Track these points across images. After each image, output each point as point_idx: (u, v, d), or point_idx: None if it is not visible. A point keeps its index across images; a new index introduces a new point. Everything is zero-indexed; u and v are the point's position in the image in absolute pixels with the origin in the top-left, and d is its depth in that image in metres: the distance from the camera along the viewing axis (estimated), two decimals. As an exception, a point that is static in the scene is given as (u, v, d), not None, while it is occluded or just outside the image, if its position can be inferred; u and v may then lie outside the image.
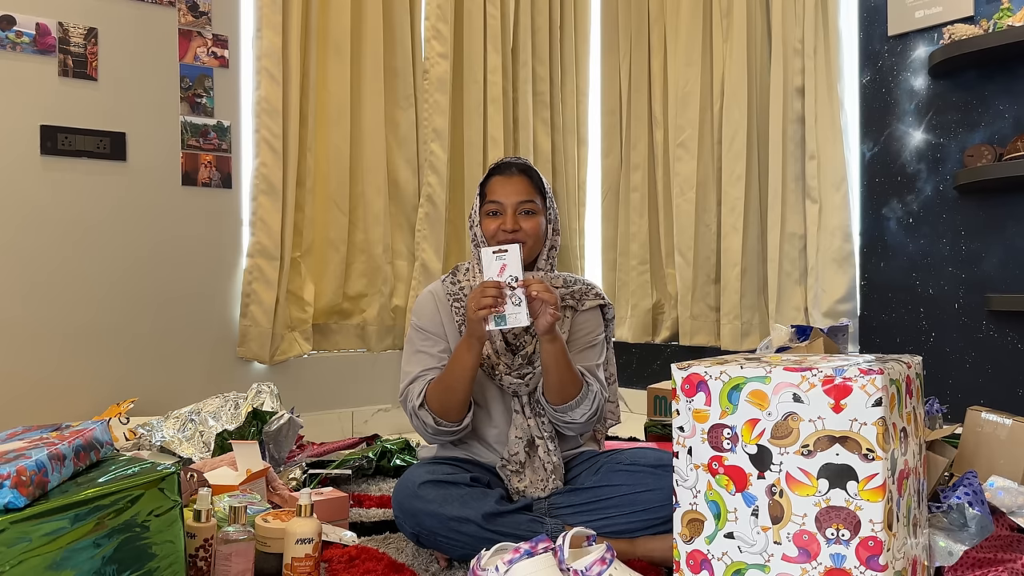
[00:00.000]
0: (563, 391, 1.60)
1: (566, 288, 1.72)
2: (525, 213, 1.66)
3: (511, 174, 1.68)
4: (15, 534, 1.04)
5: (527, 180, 1.68)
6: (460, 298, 1.70)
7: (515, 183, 1.67)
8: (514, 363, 1.65)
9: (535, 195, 1.68)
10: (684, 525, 1.25)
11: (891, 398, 1.13)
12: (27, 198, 2.45)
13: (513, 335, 1.67)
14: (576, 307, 1.73)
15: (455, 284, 1.72)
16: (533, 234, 1.66)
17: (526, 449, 1.65)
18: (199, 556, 1.35)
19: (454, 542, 1.49)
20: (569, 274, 1.78)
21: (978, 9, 2.64)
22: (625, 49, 3.68)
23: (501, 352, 1.65)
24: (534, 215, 1.67)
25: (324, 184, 3.02)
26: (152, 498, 1.20)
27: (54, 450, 1.16)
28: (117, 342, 2.59)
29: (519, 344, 1.67)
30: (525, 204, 1.66)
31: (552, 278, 1.72)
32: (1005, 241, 2.61)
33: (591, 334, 1.74)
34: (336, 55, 3.00)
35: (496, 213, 1.66)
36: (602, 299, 1.77)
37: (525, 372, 1.65)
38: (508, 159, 1.73)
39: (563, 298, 1.71)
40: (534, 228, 1.66)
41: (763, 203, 3.23)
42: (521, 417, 1.66)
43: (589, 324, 1.75)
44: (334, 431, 3.00)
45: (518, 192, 1.66)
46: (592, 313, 1.76)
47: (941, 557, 1.36)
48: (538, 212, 1.67)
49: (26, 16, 2.44)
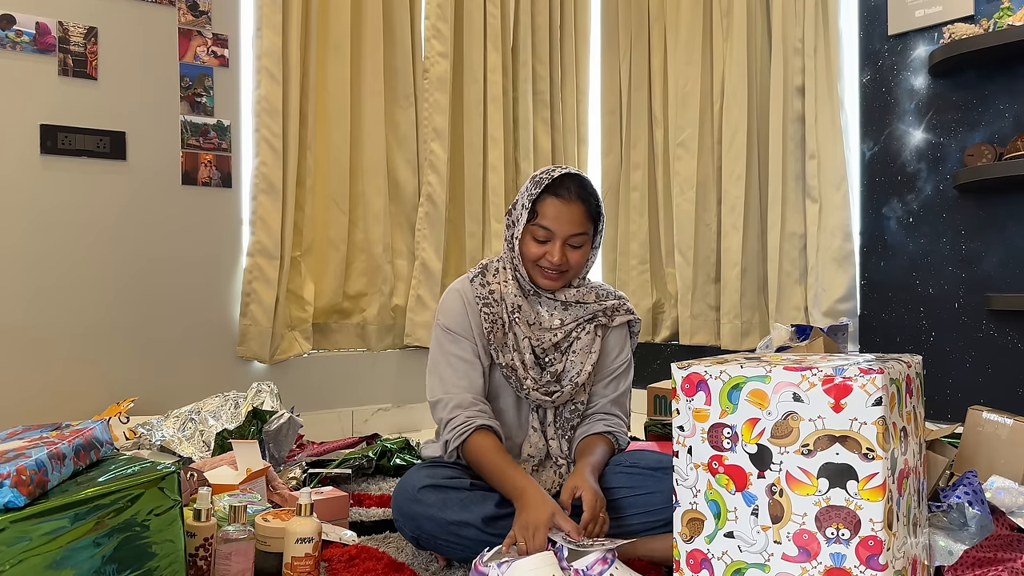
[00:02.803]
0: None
1: (599, 304, 1.66)
2: (574, 247, 1.57)
3: (569, 200, 1.53)
4: (15, 533, 1.04)
5: (584, 209, 1.55)
6: (490, 303, 1.61)
7: (573, 212, 1.53)
8: (541, 378, 1.62)
9: (589, 224, 1.57)
10: (684, 524, 1.25)
11: (891, 397, 1.13)
12: (27, 197, 2.45)
13: (543, 350, 1.61)
14: (608, 324, 1.67)
15: (484, 287, 1.63)
16: (577, 267, 1.59)
17: (535, 467, 1.63)
18: (199, 555, 1.35)
19: (454, 546, 1.49)
20: (600, 285, 1.71)
21: (978, 8, 2.64)
22: (625, 48, 3.68)
23: (530, 366, 1.61)
24: (582, 246, 1.58)
25: (324, 183, 3.02)
26: (152, 497, 1.20)
27: (54, 449, 1.16)
28: (117, 341, 2.59)
29: (548, 360, 1.63)
30: (577, 237, 1.56)
31: (584, 292, 1.65)
32: (1005, 240, 2.61)
33: (619, 357, 1.70)
34: (336, 54, 2.99)
35: (544, 241, 1.56)
36: (632, 314, 1.71)
37: (553, 390, 1.61)
38: (565, 173, 1.56)
39: (595, 315, 1.65)
40: (579, 260, 1.58)
41: (763, 202, 3.23)
42: (538, 436, 1.63)
43: (617, 344, 1.70)
44: (334, 430, 3.00)
45: (573, 223, 1.54)
46: (620, 333, 1.71)
47: (941, 556, 1.36)
48: (586, 242, 1.59)
49: (26, 15, 2.44)
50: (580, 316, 1.63)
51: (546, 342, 1.61)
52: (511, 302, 1.61)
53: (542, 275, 1.59)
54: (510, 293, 1.62)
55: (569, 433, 1.66)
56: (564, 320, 1.62)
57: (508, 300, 1.61)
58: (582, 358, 1.62)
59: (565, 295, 1.63)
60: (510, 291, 1.62)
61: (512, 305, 1.61)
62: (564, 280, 1.60)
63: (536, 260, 1.57)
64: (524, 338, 1.61)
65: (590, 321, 1.65)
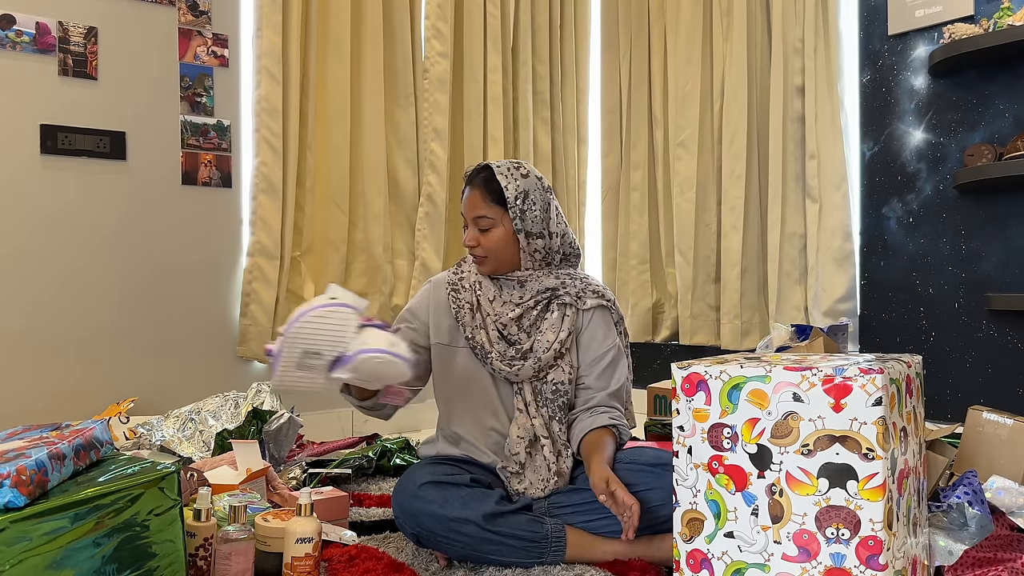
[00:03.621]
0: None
1: (563, 288, 1.69)
2: (482, 230, 1.65)
3: (470, 187, 1.68)
4: (15, 533, 1.04)
5: (480, 192, 1.65)
6: (458, 288, 1.72)
7: (471, 198, 1.66)
8: (507, 353, 1.65)
9: (489, 207, 1.64)
10: (684, 524, 1.25)
11: (891, 397, 1.13)
12: (27, 197, 2.45)
13: (502, 324, 1.67)
14: (576, 305, 1.70)
15: (456, 273, 1.75)
16: (493, 248, 1.65)
17: (527, 449, 1.63)
18: (199, 555, 1.35)
19: (454, 543, 1.49)
20: (573, 273, 1.73)
21: (978, 8, 2.64)
22: (625, 48, 3.68)
23: (494, 340, 1.66)
24: (491, 229, 1.65)
25: (324, 183, 3.02)
26: (152, 497, 1.20)
27: (54, 449, 1.16)
28: (117, 341, 2.59)
29: (515, 338, 1.67)
30: (480, 220, 1.65)
31: (543, 275, 1.69)
32: (1005, 240, 2.61)
33: (605, 341, 1.70)
34: (336, 54, 2.99)
35: (466, 227, 1.68)
36: (603, 298, 1.72)
37: (515, 364, 1.64)
38: (474, 169, 1.70)
39: (553, 291, 1.69)
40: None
41: (763, 202, 3.23)
42: (524, 416, 1.65)
43: (600, 328, 1.71)
44: (334, 430, 3.00)
45: (473, 207, 1.66)
46: (601, 318, 1.71)
47: (941, 556, 1.36)
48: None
49: (26, 15, 2.44)
50: (536, 290, 1.68)
51: (504, 316, 1.67)
52: (475, 281, 1.72)
53: (474, 259, 1.70)
54: (473, 274, 1.73)
55: (558, 414, 1.66)
56: (523, 296, 1.68)
57: (473, 281, 1.72)
58: (549, 336, 1.65)
59: (519, 275, 1.69)
60: (474, 272, 1.74)
61: (477, 283, 1.71)
62: (490, 265, 1.67)
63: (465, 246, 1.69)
64: (487, 315, 1.68)
65: (551, 299, 1.68)
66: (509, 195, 1.64)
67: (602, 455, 1.54)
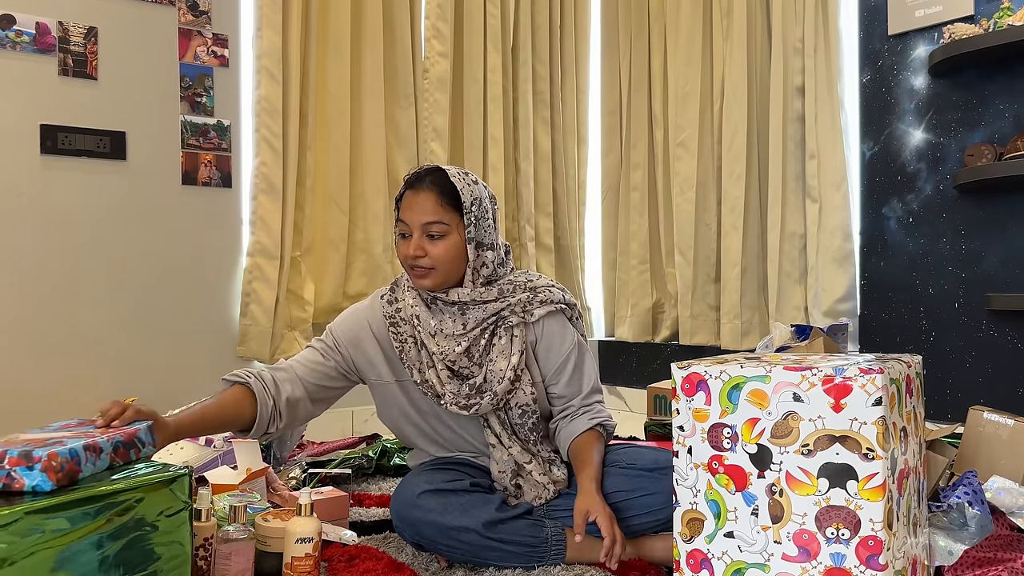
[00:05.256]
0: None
1: (501, 302, 1.55)
2: (432, 236, 1.49)
3: (419, 189, 1.51)
4: (28, 525, 1.04)
5: (434, 195, 1.50)
6: (396, 322, 1.57)
7: (421, 201, 1.49)
8: (460, 392, 1.54)
9: (444, 213, 1.49)
10: (684, 524, 1.25)
11: (891, 397, 1.13)
12: (27, 197, 2.45)
13: (450, 360, 1.53)
14: (524, 321, 1.56)
15: (391, 304, 1.60)
16: (442, 258, 1.49)
17: (513, 481, 1.58)
18: (199, 555, 1.35)
19: (455, 550, 1.48)
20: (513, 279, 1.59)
21: (978, 8, 2.64)
22: (625, 48, 3.68)
23: (445, 380, 1.54)
24: (444, 237, 1.49)
25: (324, 183, 3.02)
26: (162, 498, 1.20)
27: (91, 442, 1.17)
28: (117, 341, 2.59)
29: (466, 372, 1.55)
30: (432, 226, 1.49)
31: (483, 291, 1.54)
32: (1005, 240, 2.61)
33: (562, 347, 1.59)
34: (336, 54, 2.99)
35: (404, 235, 1.51)
36: (554, 304, 1.58)
37: (472, 403, 1.54)
38: (423, 169, 1.55)
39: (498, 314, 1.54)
40: (443, 252, 1.49)
41: (763, 202, 3.23)
42: (500, 450, 1.57)
43: (556, 337, 1.59)
44: (334, 430, 3.00)
45: (423, 211, 1.49)
46: (555, 322, 1.59)
47: (941, 556, 1.36)
48: (449, 233, 1.50)
49: (26, 15, 2.44)
50: (481, 318, 1.54)
51: (451, 352, 1.53)
52: (410, 314, 1.56)
53: (414, 274, 1.53)
54: (409, 305, 1.56)
55: (532, 435, 1.59)
56: (466, 325, 1.54)
57: (409, 313, 1.56)
58: (501, 364, 1.53)
59: (459, 295, 1.53)
60: (409, 303, 1.56)
61: (413, 316, 1.55)
62: (434, 279, 1.51)
63: (404, 259, 1.52)
64: (432, 353, 1.54)
65: (497, 324, 1.55)
66: (465, 199, 1.51)
67: (586, 472, 1.49)
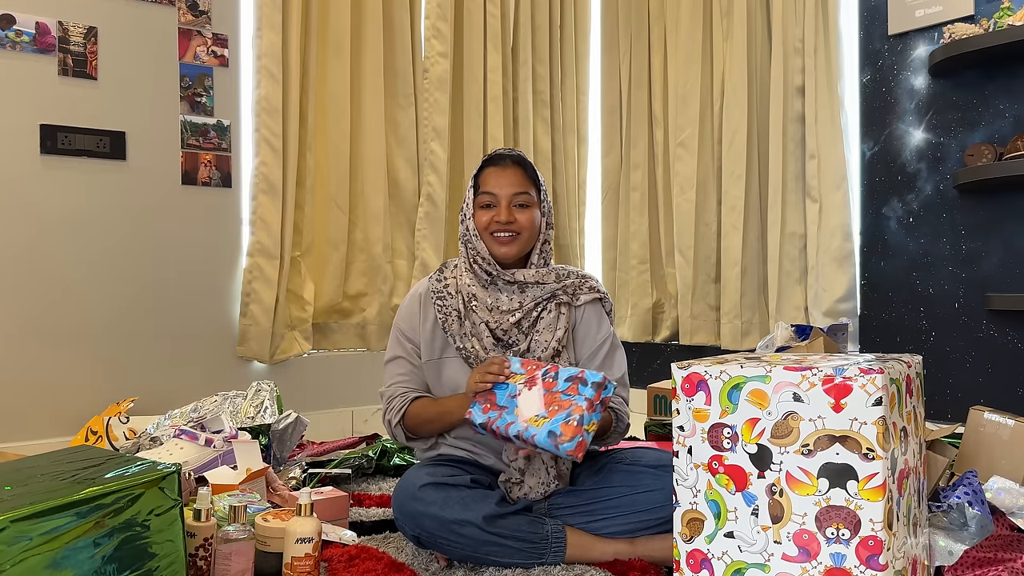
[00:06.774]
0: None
1: (558, 283, 1.68)
2: (520, 206, 1.64)
3: (505, 165, 1.66)
4: (14, 533, 1.04)
5: (522, 171, 1.66)
6: (443, 296, 1.67)
7: (509, 174, 1.65)
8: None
9: (530, 187, 1.66)
10: (684, 524, 1.25)
11: (891, 397, 1.13)
12: (27, 197, 2.45)
13: (502, 330, 1.64)
14: (571, 303, 1.69)
15: (440, 281, 1.70)
16: (528, 226, 1.64)
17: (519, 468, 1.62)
18: (199, 555, 1.35)
19: (455, 544, 1.49)
20: (563, 267, 1.74)
21: (978, 8, 2.64)
22: (625, 48, 3.68)
23: (489, 348, 1.64)
24: (529, 208, 1.65)
25: (324, 183, 3.02)
26: (152, 497, 1.20)
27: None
28: (117, 341, 2.59)
29: (512, 341, 1.65)
30: (520, 196, 1.64)
31: (544, 273, 1.68)
32: (1005, 240, 2.61)
33: (600, 332, 1.70)
34: (336, 54, 2.99)
35: (490, 205, 1.64)
36: (598, 292, 1.72)
37: None
38: (502, 150, 1.70)
39: (554, 294, 1.67)
40: (529, 221, 1.64)
41: (763, 202, 3.23)
42: None
43: (594, 320, 1.71)
44: (334, 430, 3.00)
45: (512, 183, 1.64)
46: (593, 310, 1.72)
47: (941, 556, 1.36)
48: (533, 205, 1.65)
49: (26, 15, 2.44)
50: (539, 296, 1.65)
51: (505, 323, 1.64)
52: (466, 292, 1.67)
53: (497, 242, 1.64)
54: (465, 284, 1.68)
55: None
56: (523, 302, 1.65)
57: (464, 291, 1.67)
58: (547, 336, 1.64)
59: (523, 275, 1.65)
60: (465, 282, 1.68)
61: (467, 295, 1.66)
62: (519, 245, 1.64)
63: (487, 228, 1.64)
64: (482, 323, 1.64)
65: (550, 300, 1.67)
66: (542, 179, 1.70)
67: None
